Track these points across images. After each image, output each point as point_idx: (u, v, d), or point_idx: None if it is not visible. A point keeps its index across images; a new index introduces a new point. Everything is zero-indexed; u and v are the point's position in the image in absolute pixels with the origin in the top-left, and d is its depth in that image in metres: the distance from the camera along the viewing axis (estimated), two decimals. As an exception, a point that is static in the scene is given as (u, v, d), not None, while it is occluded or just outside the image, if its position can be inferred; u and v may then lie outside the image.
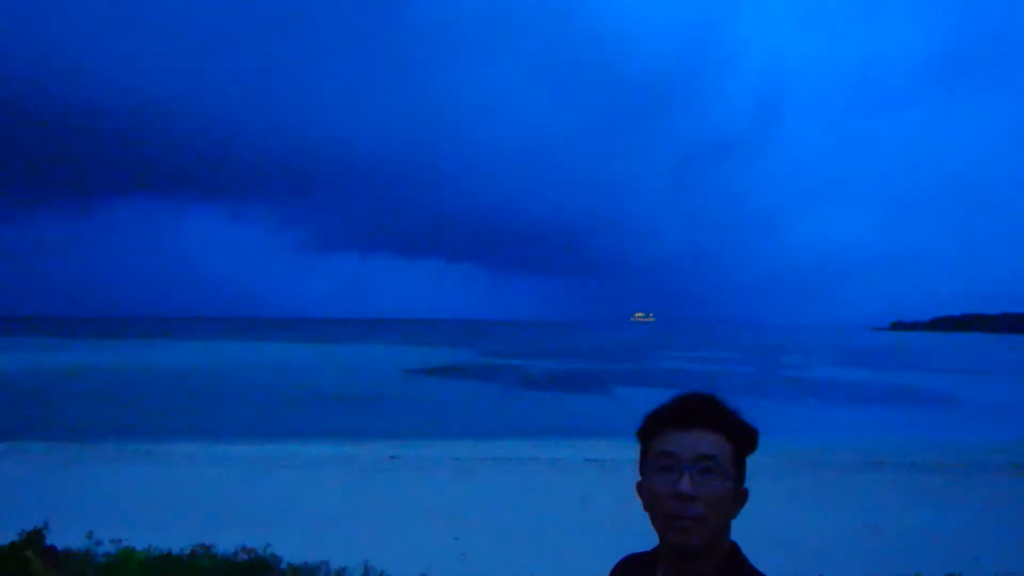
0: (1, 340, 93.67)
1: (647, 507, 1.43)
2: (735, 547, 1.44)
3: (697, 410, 1.42)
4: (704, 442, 1.39)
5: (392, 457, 16.99)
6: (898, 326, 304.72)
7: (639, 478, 1.48)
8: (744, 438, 1.43)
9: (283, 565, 4.55)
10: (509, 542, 9.36)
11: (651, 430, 1.46)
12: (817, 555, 8.60)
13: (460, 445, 19.43)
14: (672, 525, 1.37)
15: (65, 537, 4.63)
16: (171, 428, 22.89)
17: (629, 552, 1.61)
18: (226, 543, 5.31)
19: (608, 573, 1.63)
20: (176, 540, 5.44)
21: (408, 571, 6.78)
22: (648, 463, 1.44)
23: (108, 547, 4.52)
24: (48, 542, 3.66)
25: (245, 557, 4.39)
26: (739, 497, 1.43)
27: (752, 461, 1.49)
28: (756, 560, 1.47)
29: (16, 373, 43.95)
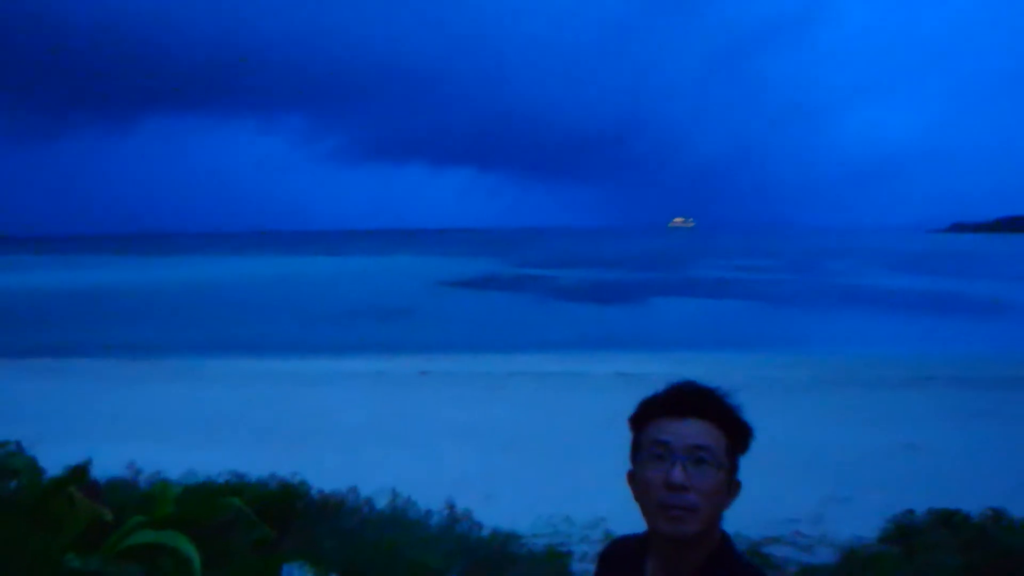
0: (40, 258, 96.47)
1: (638, 496, 1.45)
2: (725, 537, 1.46)
3: (693, 400, 1.43)
4: (699, 432, 1.40)
5: (422, 372, 17.31)
6: (958, 228, 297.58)
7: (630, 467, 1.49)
8: (739, 433, 1.44)
9: (313, 493, 4.67)
10: (537, 459, 9.53)
11: (645, 418, 1.47)
12: (851, 474, 8.61)
13: (491, 359, 19.69)
14: (664, 514, 1.39)
15: (106, 463, 4.84)
16: (203, 345, 23.57)
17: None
18: (260, 465, 5.48)
19: (600, 552, 1.68)
20: (212, 463, 5.63)
21: (436, 494, 6.91)
22: (641, 452, 1.45)
23: (146, 478, 4.70)
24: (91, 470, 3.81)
25: (276, 486, 4.51)
26: (732, 489, 1.44)
27: (791, 375, 1.40)
28: (785, 480, 1.42)
29: (49, 292, 45.42)
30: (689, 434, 1.40)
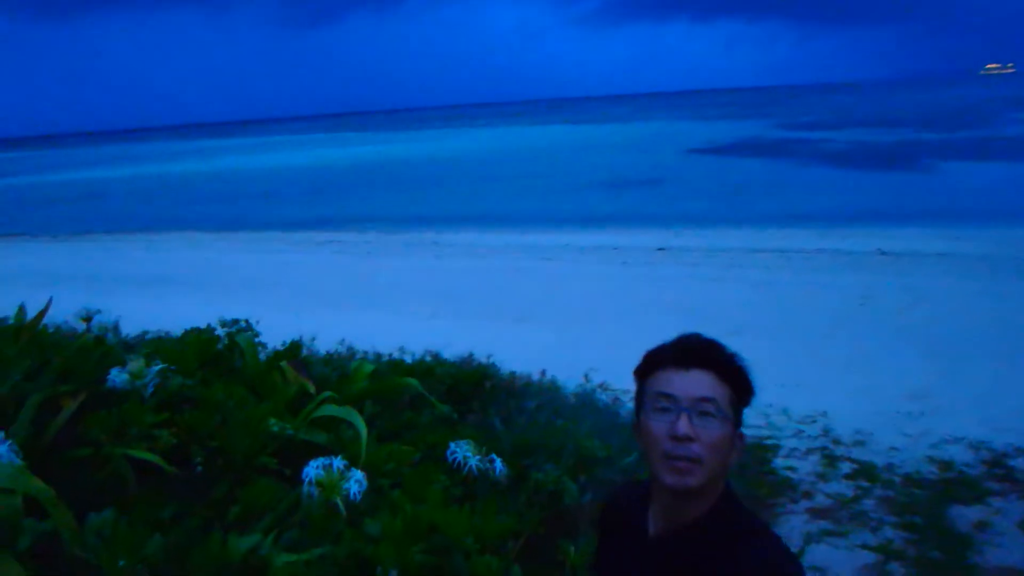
0: (312, 136, 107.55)
1: (643, 447, 1.48)
2: (729, 489, 1.49)
3: (699, 352, 1.45)
4: (704, 384, 1.42)
5: (660, 249, 17.27)
6: None
7: (636, 418, 1.52)
8: (743, 387, 1.47)
9: (504, 374, 5.08)
10: (760, 346, 9.31)
11: (649, 370, 1.50)
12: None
13: (735, 234, 19.08)
14: (668, 466, 1.41)
15: (330, 334, 5.63)
16: (446, 217, 25.38)
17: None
18: (472, 340, 5.99)
19: (604, 498, 1.74)
20: (430, 335, 6.28)
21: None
22: (645, 403, 1.48)
23: (345, 355, 5.43)
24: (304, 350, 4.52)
25: (468, 366, 4.99)
26: (737, 442, 1.47)
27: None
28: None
29: (318, 167, 50.85)
30: (694, 386, 1.41)
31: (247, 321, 4.04)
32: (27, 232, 23.92)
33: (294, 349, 3.89)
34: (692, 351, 1.46)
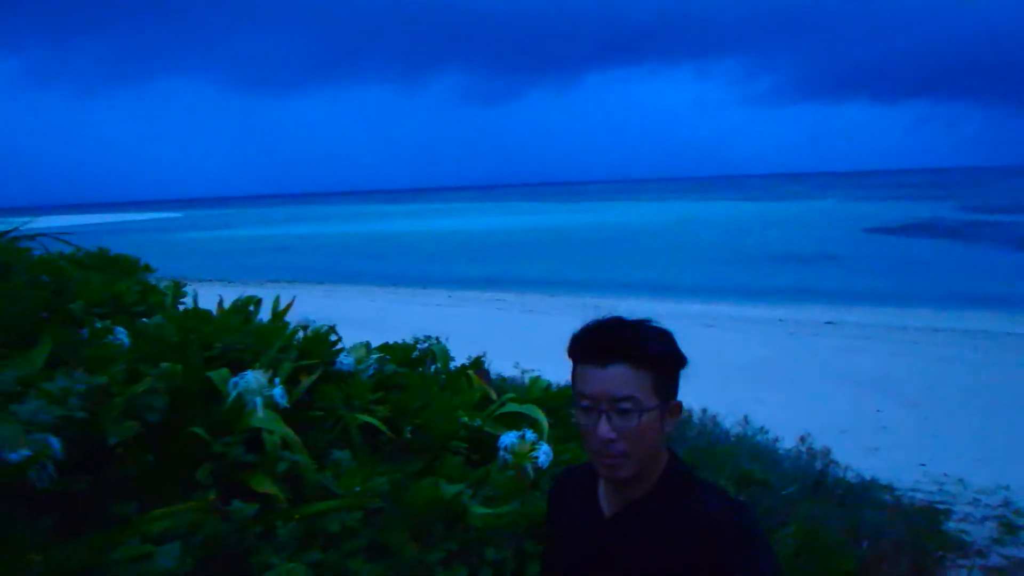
0: (483, 204, 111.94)
1: (581, 435, 1.46)
2: (674, 456, 1.48)
3: (613, 345, 1.39)
4: (621, 381, 1.37)
5: (828, 323, 16.58)
6: None
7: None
8: (666, 362, 1.41)
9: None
10: (939, 418, 8.78)
11: (573, 359, 1.46)
12: None
13: (911, 313, 17.94)
14: (599, 463, 1.41)
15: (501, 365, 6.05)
16: (614, 282, 25.56)
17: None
18: None
19: (553, 479, 1.72)
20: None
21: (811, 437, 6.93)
22: (574, 394, 1.45)
23: (522, 375, 5.78)
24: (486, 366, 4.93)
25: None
26: (671, 413, 1.43)
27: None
28: None
29: (507, 231, 52.74)
30: (611, 385, 1.37)
31: (437, 338, 4.47)
32: (227, 279, 26.26)
33: (478, 362, 4.27)
34: (606, 346, 1.39)
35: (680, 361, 1.43)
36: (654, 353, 1.39)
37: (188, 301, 3.84)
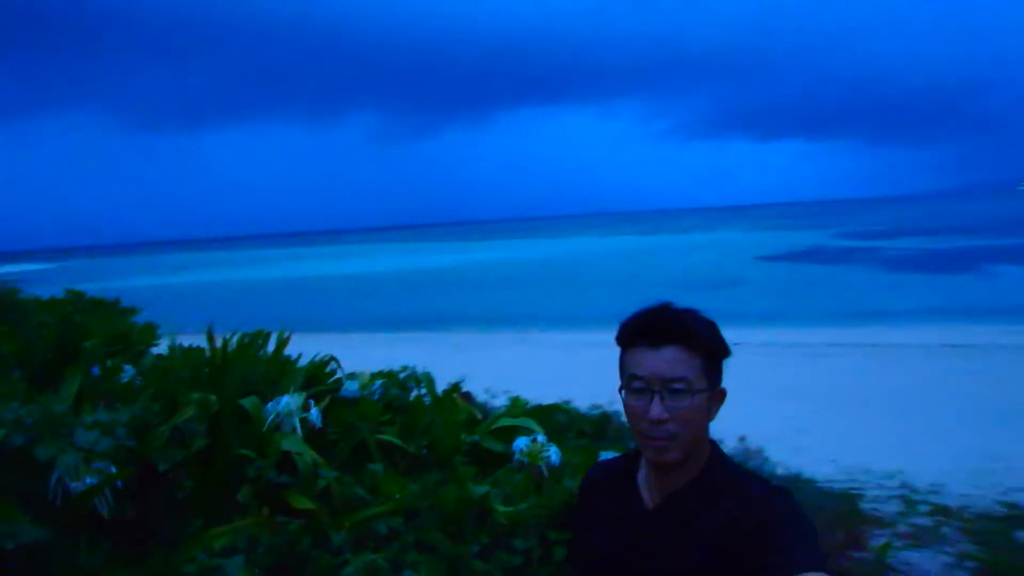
0: (406, 244, 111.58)
1: (627, 418, 1.47)
2: (715, 446, 1.49)
3: (668, 327, 1.41)
4: (674, 363, 1.39)
5: (736, 343, 17.35)
6: None
7: (620, 385, 1.48)
8: (715, 349, 1.45)
9: (623, 419, 5.60)
10: (847, 419, 9.51)
11: (624, 344, 1.48)
12: None
13: (809, 332, 19.09)
14: (647, 445, 1.41)
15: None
16: (535, 316, 25.94)
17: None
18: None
19: (580, 482, 1.70)
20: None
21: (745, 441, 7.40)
22: (623, 379, 1.46)
23: (503, 398, 5.98)
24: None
25: (595, 412, 5.50)
26: (716, 401, 1.46)
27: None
28: None
29: (406, 273, 52.67)
30: (664, 367, 1.39)
31: (413, 367, 4.64)
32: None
33: (457, 387, 4.46)
34: (661, 328, 1.42)
35: (726, 349, 1.47)
36: (705, 337, 1.42)
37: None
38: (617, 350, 1.48)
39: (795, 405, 10.17)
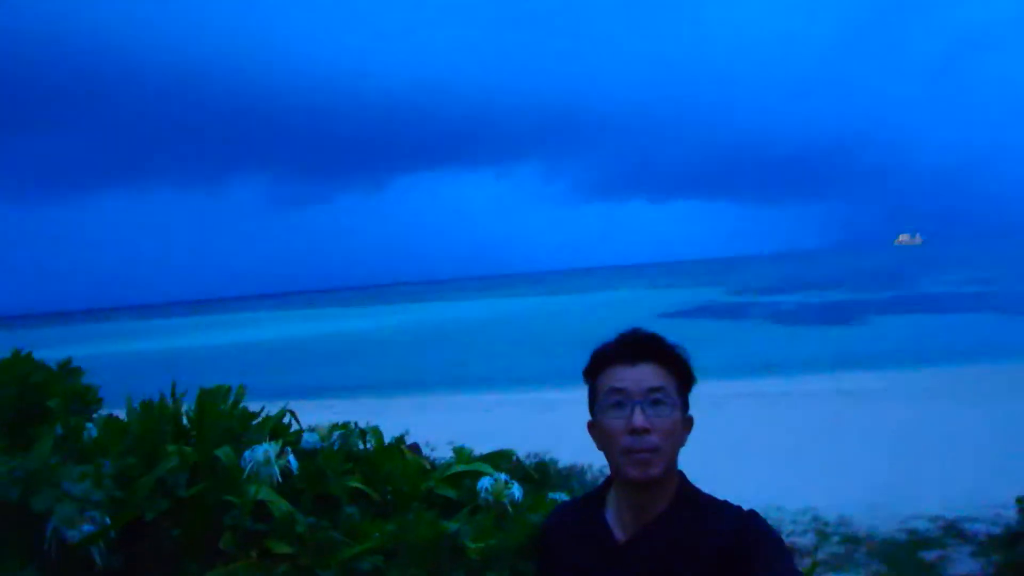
0: (303, 311, 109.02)
1: (601, 446, 1.46)
2: (683, 476, 1.49)
3: (643, 345, 1.44)
4: (652, 375, 1.41)
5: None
6: None
7: (590, 418, 1.50)
8: (686, 372, 1.47)
9: (560, 465, 5.79)
10: (755, 463, 10.03)
11: (598, 368, 1.48)
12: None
13: (707, 385, 19.90)
14: (630, 459, 1.38)
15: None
16: (446, 380, 25.76)
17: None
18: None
19: (541, 527, 1.64)
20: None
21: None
22: (599, 402, 1.46)
23: (441, 451, 6.07)
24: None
25: (532, 461, 5.71)
26: (687, 425, 1.46)
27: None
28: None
29: (322, 338, 51.47)
30: (644, 378, 1.40)
31: (356, 423, 4.73)
32: None
33: (402, 439, 4.58)
34: (636, 345, 1.44)
35: (693, 377, 1.48)
36: (680, 356, 1.46)
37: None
38: (538, 401, 1.61)
39: (703, 451, 10.67)
